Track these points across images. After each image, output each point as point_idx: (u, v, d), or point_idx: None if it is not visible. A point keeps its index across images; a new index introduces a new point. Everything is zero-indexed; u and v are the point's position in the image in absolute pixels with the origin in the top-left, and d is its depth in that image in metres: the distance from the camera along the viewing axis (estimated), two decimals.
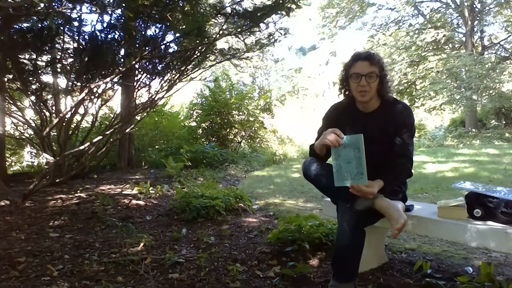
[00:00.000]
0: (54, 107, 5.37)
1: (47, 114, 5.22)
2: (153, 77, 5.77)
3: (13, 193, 4.05)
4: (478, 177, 5.12)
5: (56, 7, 4.07)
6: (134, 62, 4.55)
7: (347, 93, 1.82)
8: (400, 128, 1.71)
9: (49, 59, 5.13)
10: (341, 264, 1.63)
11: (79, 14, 4.63)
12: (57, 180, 4.50)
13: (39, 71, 4.97)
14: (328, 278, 1.87)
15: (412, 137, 1.76)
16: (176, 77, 5.82)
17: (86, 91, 4.42)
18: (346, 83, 1.79)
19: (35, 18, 4.22)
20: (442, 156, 8.02)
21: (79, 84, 4.95)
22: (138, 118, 6.63)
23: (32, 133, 6.48)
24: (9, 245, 2.46)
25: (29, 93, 4.94)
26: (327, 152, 1.73)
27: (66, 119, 4.61)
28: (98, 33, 4.71)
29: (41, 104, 5.10)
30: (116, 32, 4.87)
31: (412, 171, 1.87)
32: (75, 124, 5.45)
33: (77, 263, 2.15)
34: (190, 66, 5.84)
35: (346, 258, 1.61)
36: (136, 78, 5.78)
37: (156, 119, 8.87)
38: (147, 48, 4.82)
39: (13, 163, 9.30)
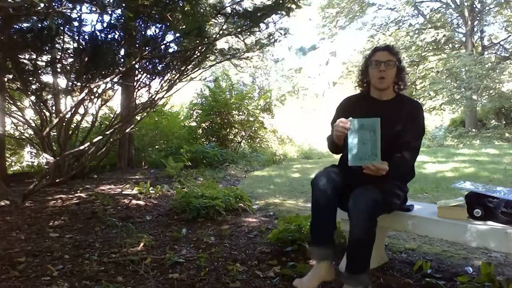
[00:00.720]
0: (54, 107, 5.37)
1: (47, 114, 5.22)
2: (153, 77, 5.78)
3: (13, 193, 4.04)
4: (478, 177, 5.12)
5: (56, 7, 4.07)
6: (134, 62, 4.55)
7: (365, 84, 1.91)
8: (411, 123, 1.76)
9: (49, 59, 5.13)
10: (356, 256, 1.61)
11: (79, 14, 4.64)
12: (57, 180, 4.50)
13: (39, 71, 4.98)
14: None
15: (421, 134, 1.81)
16: (176, 77, 5.82)
17: (86, 91, 4.43)
18: (365, 73, 1.88)
19: (35, 18, 4.23)
20: (442, 156, 8.02)
21: (79, 84, 4.96)
22: (138, 118, 6.63)
23: (32, 133, 6.48)
24: (9, 245, 2.46)
25: (29, 93, 4.94)
26: (345, 141, 1.77)
27: (66, 119, 4.61)
28: (98, 33, 4.72)
29: (41, 104, 5.10)
30: (116, 32, 4.88)
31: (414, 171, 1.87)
32: (75, 124, 5.45)
33: (77, 263, 2.15)
34: (190, 66, 5.84)
35: (362, 248, 1.59)
36: (136, 78, 5.79)
37: (156, 119, 8.86)
38: (147, 48, 4.82)
39: (13, 163, 9.29)
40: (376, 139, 1.58)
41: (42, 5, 4.10)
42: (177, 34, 5.13)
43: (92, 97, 5.21)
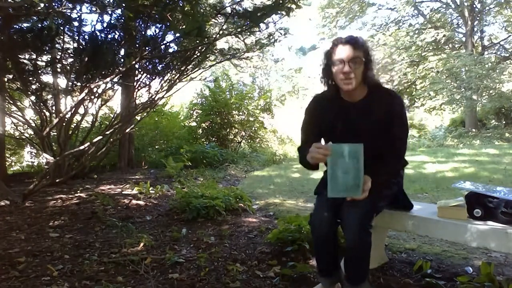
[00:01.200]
0: (54, 107, 5.37)
1: (47, 114, 5.22)
2: (153, 77, 5.78)
3: (13, 193, 4.04)
4: (478, 177, 5.12)
5: (56, 7, 4.07)
6: (134, 62, 4.55)
7: (330, 82, 1.67)
8: (393, 119, 1.60)
9: (49, 59, 5.13)
10: (354, 267, 1.58)
11: (79, 14, 4.64)
12: (57, 180, 4.50)
13: (39, 71, 4.97)
14: None
15: (406, 127, 1.67)
16: (176, 77, 5.83)
17: (86, 91, 4.43)
18: (329, 72, 1.64)
19: (35, 18, 4.23)
20: (442, 156, 8.02)
21: (79, 84, 4.96)
22: (138, 118, 6.63)
23: (32, 133, 6.48)
24: (9, 245, 2.46)
25: (29, 93, 4.94)
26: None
27: (66, 119, 4.61)
28: (98, 33, 4.71)
29: (41, 104, 5.10)
30: (116, 32, 4.87)
31: (406, 158, 1.77)
32: (75, 124, 5.45)
33: (77, 263, 2.15)
34: (190, 66, 5.85)
35: (359, 259, 1.55)
36: (136, 78, 5.79)
37: (156, 119, 8.87)
38: (147, 48, 4.82)
39: (13, 163, 9.29)
40: (359, 168, 1.44)
41: (42, 5, 4.10)
42: (177, 34, 5.13)
43: (92, 97, 5.21)
